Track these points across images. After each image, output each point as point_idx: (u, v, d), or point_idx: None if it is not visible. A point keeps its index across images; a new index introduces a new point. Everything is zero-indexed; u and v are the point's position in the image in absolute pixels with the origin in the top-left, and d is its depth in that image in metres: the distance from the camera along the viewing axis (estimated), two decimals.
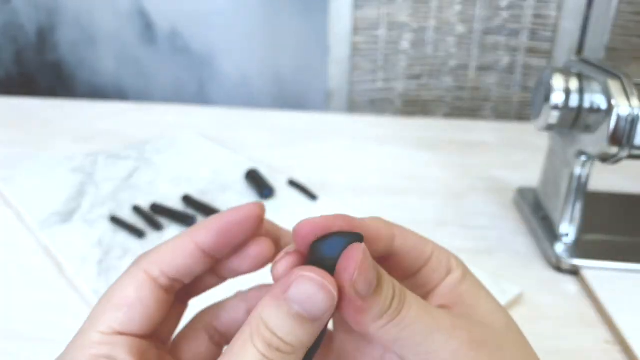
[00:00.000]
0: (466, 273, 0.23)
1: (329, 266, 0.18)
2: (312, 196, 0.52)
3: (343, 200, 0.53)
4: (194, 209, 0.49)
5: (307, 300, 0.17)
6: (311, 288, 0.17)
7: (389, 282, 0.19)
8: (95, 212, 0.48)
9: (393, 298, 0.18)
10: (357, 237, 0.19)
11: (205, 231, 0.21)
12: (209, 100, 1.55)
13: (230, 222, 0.22)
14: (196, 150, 0.64)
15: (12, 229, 0.47)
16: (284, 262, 0.19)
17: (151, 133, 0.72)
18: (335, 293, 0.17)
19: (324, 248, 0.18)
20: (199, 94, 1.54)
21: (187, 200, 0.50)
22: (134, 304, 0.20)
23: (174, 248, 0.21)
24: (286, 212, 0.49)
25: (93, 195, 0.51)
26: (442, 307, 0.22)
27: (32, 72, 1.56)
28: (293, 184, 0.54)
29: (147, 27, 1.46)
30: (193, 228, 0.22)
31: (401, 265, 0.22)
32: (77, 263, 0.40)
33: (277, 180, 0.55)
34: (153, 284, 0.20)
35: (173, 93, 1.55)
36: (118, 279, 0.21)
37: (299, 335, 0.17)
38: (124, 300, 0.20)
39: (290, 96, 1.50)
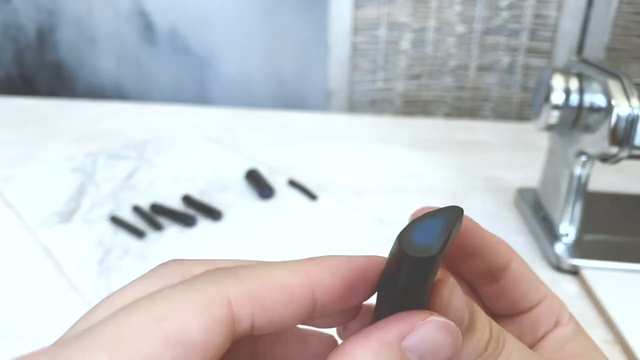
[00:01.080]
0: (579, 330, 0.20)
1: (424, 261, 0.13)
2: (312, 196, 0.52)
3: (343, 200, 0.53)
4: (194, 209, 0.49)
5: (432, 352, 0.14)
6: (440, 337, 0.14)
7: (484, 320, 0.16)
8: (95, 212, 0.48)
9: (490, 340, 0.15)
10: (457, 213, 0.14)
11: (329, 275, 0.15)
12: (209, 100, 1.55)
13: (360, 270, 0.15)
14: (196, 151, 0.64)
15: (12, 229, 0.47)
16: None
17: (151, 133, 0.72)
18: (461, 339, 0.14)
19: (416, 234, 0.14)
20: (199, 94, 1.54)
21: (187, 200, 0.50)
22: (195, 346, 0.12)
23: (282, 287, 0.14)
24: (286, 212, 0.49)
25: (93, 195, 0.51)
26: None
27: (32, 72, 1.56)
28: (293, 184, 0.54)
29: (147, 28, 1.46)
30: (311, 265, 0.15)
31: (510, 296, 0.19)
32: (77, 263, 0.41)
33: (277, 180, 0.55)
34: (231, 327, 0.13)
35: (173, 93, 1.55)
36: (180, 287, 0.13)
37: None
38: (184, 338, 0.12)
39: (290, 96, 1.50)
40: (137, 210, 0.48)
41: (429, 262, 0.13)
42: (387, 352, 0.13)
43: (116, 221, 0.46)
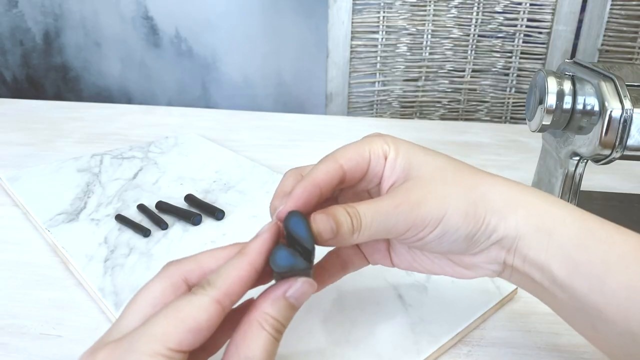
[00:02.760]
0: (399, 148, 0.29)
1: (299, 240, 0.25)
2: None
3: None
4: (197, 208, 0.50)
5: (301, 295, 0.25)
6: (307, 288, 0.25)
7: (342, 213, 0.25)
8: (101, 211, 0.49)
9: (351, 220, 0.25)
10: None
11: (261, 256, 0.25)
12: (212, 102, 1.55)
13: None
14: (199, 151, 0.65)
15: (19, 228, 0.48)
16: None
17: (155, 134, 0.73)
18: (315, 285, 0.25)
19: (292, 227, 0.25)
20: (202, 96, 1.55)
21: (190, 199, 0.51)
22: (203, 329, 0.22)
23: (241, 279, 0.24)
24: None
25: (99, 195, 0.52)
26: (392, 188, 0.28)
27: (38, 74, 1.57)
28: None
29: (151, 31, 1.47)
30: (250, 253, 0.25)
31: (356, 178, 0.29)
32: (84, 261, 0.41)
33: (277, 180, 0.56)
34: (223, 313, 0.23)
35: (177, 96, 1.56)
36: (187, 298, 0.23)
37: (290, 316, 0.25)
38: (197, 325, 0.22)
39: (290, 99, 1.51)
40: (142, 209, 0.49)
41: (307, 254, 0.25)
42: (278, 300, 0.24)
43: (122, 220, 0.47)
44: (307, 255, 0.25)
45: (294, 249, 0.25)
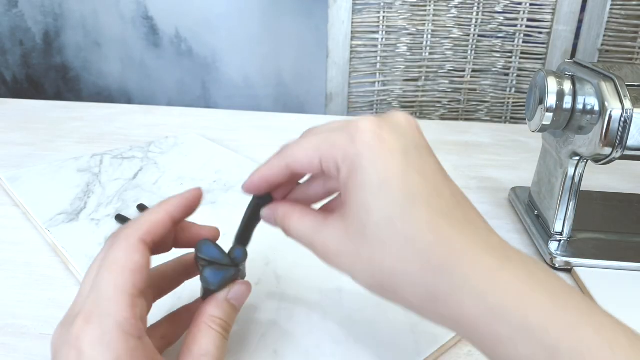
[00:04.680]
0: (353, 168, 0.24)
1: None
2: None
3: None
4: None
5: (241, 297, 0.29)
6: (245, 290, 0.29)
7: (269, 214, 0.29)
8: (101, 211, 0.49)
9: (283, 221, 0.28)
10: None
11: (177, 208, 0.28)
12: (212, 102, 1.56)
13: (190, 200, 0.30)
14: (199, 151, 0.65)
15: (20, 228, 0.48)
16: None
17: (155, 134, 0.73)
18: (251, 287, 0.29)
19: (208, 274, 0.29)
20: (202, 96, 1.55)
21: None
22: (144, 268, 0.25)
23: (157, 221, 0.27)
24: None
25: (99, 195, 0.52)
26: (339, 204, 0.27)
27: (38, 74, 1.57)
28: None
29: (151, 31, 1.47)
30: (167, 205, 0.28)
31: (311, 175, 0.29)
32: (84, 261, 0.41)
33: None
34: (149, 250, 0.26)
35: (177, 96, 1.56)
36: (119, 248, 0.25)
37: (234, 316, 0.28)
38: (137, 266, 0.25)
39: (291, 99, 1.51)
40: (142, 208, 0.49)
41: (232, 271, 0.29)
42: (221, 304, 0.27)
43: (121, 220, 0.47)
44: (229, 266, 0.29)
45: (217, 265, 0.28)
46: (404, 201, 0.22)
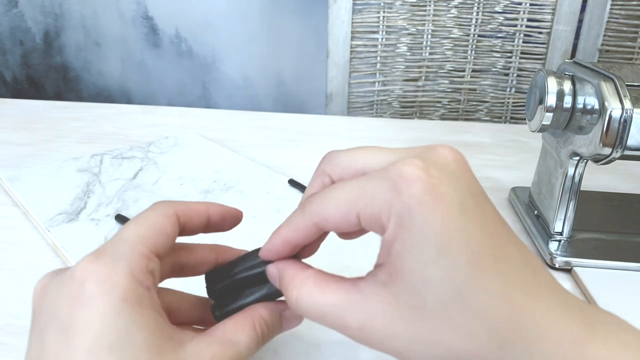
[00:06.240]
0: (402, 227, 0.20)
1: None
2: None
3: None
4: None
5: (291, 322, 0.27)
6: (298, 321, 0.28)
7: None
8: (101, 211, 0.49)
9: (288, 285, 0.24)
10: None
11: (216, 208, 0.29)
12: (212, 102, 1.56)
13: (232, 213, 0.30)
14: (199, 151, 0.65)
15: (20, 228, 0.48)
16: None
17: (155, 134, 0.73)
18: (299, 323, 0.28)
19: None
20: (202, 96, 1.55)
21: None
22: (170, 236, 0.25)
23: (196, 208, 0.27)
24: (285, 211, 0.50)
25: (99, 195, 0.52)
26: (378, 268, 0.21)
27: (38, 74, 1.57)
28: (293, 183, 0.56)
29: (151, 31, 1.47)
30: (208, 202, 0.28)
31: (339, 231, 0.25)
32: None
33: (277, 180, 0.57)
34: (178, 226, 0.26)
35: (177, 96, 1.56)
36: (154, 210, 0.25)
37: (275, 332, 0.27)
38: (165, 231, 0.25)
39: (291, 99, 1.52)
40: (121, 219, 0.49)
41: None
42: (275, 313, 0.27)
43: (121, 220, 0.47)
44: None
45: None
46: (470, 268, 0.19)
